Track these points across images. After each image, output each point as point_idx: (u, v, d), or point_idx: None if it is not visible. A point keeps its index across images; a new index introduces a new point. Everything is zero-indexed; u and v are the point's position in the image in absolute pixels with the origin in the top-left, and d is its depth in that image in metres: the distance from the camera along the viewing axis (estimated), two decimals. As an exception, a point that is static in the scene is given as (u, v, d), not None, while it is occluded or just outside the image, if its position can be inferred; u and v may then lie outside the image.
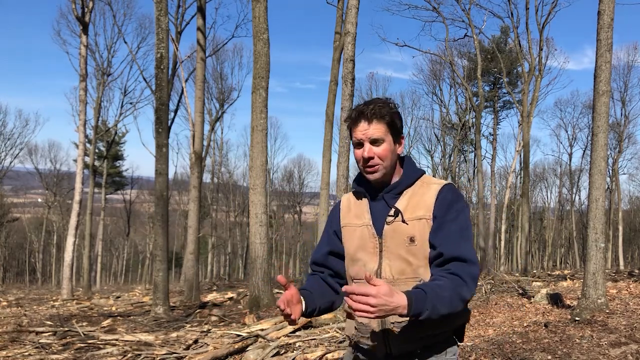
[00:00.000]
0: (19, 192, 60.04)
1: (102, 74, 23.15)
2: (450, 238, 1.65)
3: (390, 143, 1.75)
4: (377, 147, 1.73)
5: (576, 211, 40.59)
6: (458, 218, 1.69)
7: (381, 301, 1.41)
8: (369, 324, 1.74)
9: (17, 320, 9.97)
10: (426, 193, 1.75)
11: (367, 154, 1.73)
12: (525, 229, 21.21)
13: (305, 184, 44.78)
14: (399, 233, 1.71)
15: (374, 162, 1.74)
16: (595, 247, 7.19)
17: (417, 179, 1.81)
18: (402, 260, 1.70)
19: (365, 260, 1.76)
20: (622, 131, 30.71)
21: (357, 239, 1.81)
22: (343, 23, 11.45)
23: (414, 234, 1.70)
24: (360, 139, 1.74)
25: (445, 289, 1.54)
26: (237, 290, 14.99)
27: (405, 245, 1.70)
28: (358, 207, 1.86)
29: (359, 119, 1.74)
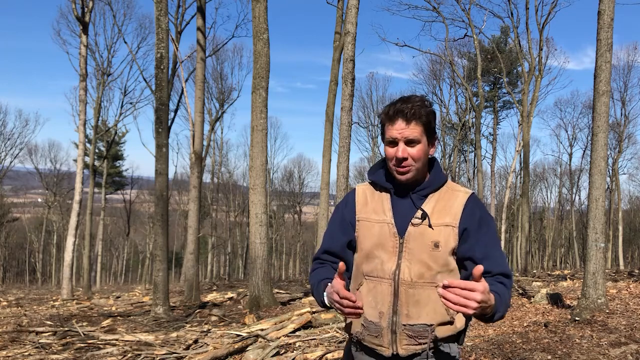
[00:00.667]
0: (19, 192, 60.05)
1: (102, 74, 23.15)
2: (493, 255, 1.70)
3: (425, 144, 1.72)
4: (411, 147, 1.70)
5: (576, 211, 40.60)
6: (489, 232, 1.73)
7: (485, 297, 1.42)
8: (379, 324, 1.72)
9: (17, 320, 9.97)
10: (453, 200, 1.74)
11: (402, 154, 1.69)
12: (525, 229, 21.21)
13: (305, 184, 44.84)
14: (425, 237, 1.69)
15: (408, 163, 1.70)
16: (595, 247, 7.19)
17: (443, 183, 1.78)
18: (422, 264, 1.68)
19: (383, 259, 1.73)
20: (622, 131, 30.71)
21: (375, 235, 1.76)
22: (343, 23, 11.45)
23: (439, 239, 1.68)
24: (395, 138, 1.70)
25: (506, 294, 1.63)
26: (237, 290, 14.99)
27: (429, 250, 1.68)
28: (377, 201, 1.81)
29: (396, 117, 1.69)
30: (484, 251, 1.69)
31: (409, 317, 1.68)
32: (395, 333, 1.70)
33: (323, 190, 14.29)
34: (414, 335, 1.69)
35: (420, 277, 1.68)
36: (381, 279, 1.71)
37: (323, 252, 1.90)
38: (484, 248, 1.69)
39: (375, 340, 1.74)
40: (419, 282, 1.68)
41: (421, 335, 1.68)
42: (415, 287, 1.68)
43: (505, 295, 1.60)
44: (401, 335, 1.70)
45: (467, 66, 30.64)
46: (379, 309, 1.72)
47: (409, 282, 1.68)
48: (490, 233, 1.72)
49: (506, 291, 1.63)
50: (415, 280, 1.68)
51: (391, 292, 1.70)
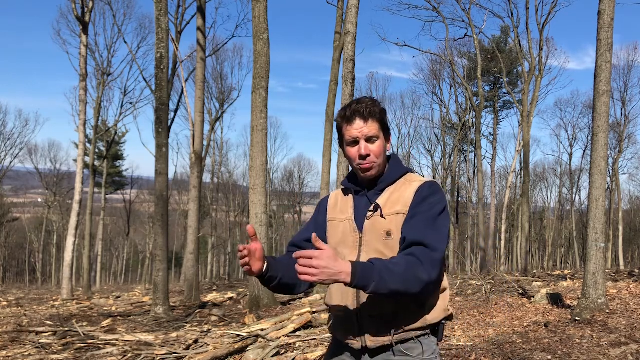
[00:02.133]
0: (19, 192, 60.10)
1: (102, 74, 23.15)
2: (416, 226, 1.68)
3: (382, 140, 1.81)
4: (372, 144, 1.78)
5: (576, 211, 40.59)
6: (430, 210, 1.70)
7: (323, 263, 1.46)
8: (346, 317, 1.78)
9: (17, 320, 9.97)
10: (407, 190, 1.78)
11: (365, 151, 1.76)
12: (525, 229, 21.20)
13: (305, 184, 44.83)
14: (377, 227, 1.75)
15: (371, 159, 1.78)
16: (595, 247, 7.19)
17: (400, 176, 1.84)
18: (378, 254, 1.72)
19: (345, 254, 1.79)
20: (622, 131, 30.70)
21: (339, 233, 1.84)
22: (343, 23, 11.45)
23: (391, 228, 1.73)
24: (356, 137, 1.77)
25: (398, 265, 1.57)
26: (237, 290, 14.99)
27: (382, 239, 1.74)
28: (344, 203, 1.90)
29: (354, 117, 1.77)
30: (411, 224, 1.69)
31: (371, 308, 1.72)
32: (362, 325, 1.75)
33: (323, 190, 14.29)
34: (379, 326, 1.72)
35: None
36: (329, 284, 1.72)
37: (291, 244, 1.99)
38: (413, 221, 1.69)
39: (346, 334, 1.80)
40: None
41: (385, 326, 1.72)
42: None
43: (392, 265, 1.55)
44: (367, 327, 1.74)
45: (467, 66, 30.65)
46: (344, 302, 1.78)
47: None
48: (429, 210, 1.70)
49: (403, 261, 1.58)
50: None
51: None
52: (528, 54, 20.21)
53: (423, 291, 1.61)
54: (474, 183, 32.67)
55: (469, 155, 33.38)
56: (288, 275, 1.79)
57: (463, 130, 31.28)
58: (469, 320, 7.48)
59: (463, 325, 7.13)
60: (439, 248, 1.63)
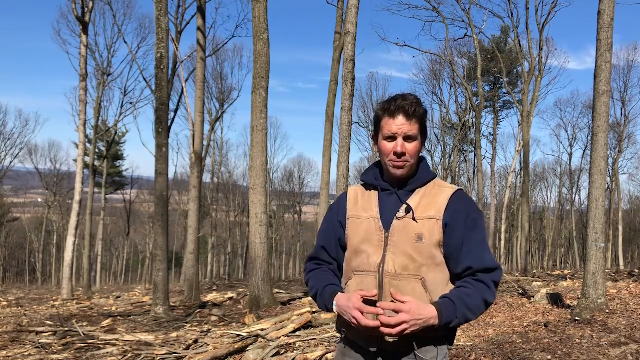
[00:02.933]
0: (19, 192, 60.08)
1: (102, 74, 23.15)
2: (475, 251, 1.73)
3: (419, 142, 1.80)
4: (409, 143, 1.76)
5: (576, 211, 40.59)
6: (476, 227, 1.75)
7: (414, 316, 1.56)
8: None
9: (17, 320, 9.96)
10: (438, 195, 1.78)
11: (401, 149, 1.75)
12: (525, 229, 21.20)
13: (305, 184, 44.83)
14: (409, 230, 1.73)
15: (406, 158, 1.76)
16: (595, 247, 7.19)
17: (430, 180, 1.84)
18: (406, 257, 1.71)
19: (369, 252, 1.77)
20: (622, 131, 30.70)
21: (362, 231, 1.81)
22: (343, 23, 11.45)
23: (423, 232, 1.72)
24: (395, 133, 1.75)
25: (473, 297, 1.66)
26: (237, 290, 14.99)
27: (413, 242, 1.72)
28: (366, 199, 1.87)
29: (398, 113, 1.75)
30: (467, 248, 1.73)
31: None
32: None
33: (323, 190, 14.28)
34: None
35: (404, 269, 1.71)
36: (367, 272, 1.76)
37: (320, 248, 1.96)
38: (467, 245, 1.73)
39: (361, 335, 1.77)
40: (403, 274, 1.71)
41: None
42: (399, 279, 1.71)
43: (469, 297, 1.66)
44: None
45: (467, 66, 30.64)
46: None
47: (392, 273, 1.72)
48: (476, 230, 1.75)
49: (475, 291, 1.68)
50: (399, 272, 1.71)
51: (376, 285, 1.74)
52: (528, 54, 20.21)
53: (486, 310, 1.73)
54: (474, 183, 32.67)
55: (469, 155, 33.40)
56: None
57: (463, 130, 31.27)
58: (469, 320, 7.46)
59: (463, 325, 7.13)
60: (498, 266, 1.74)
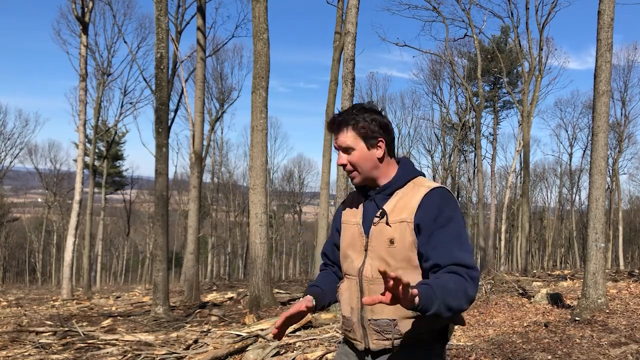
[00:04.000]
0: (19, 192, 60.08)
1: (102, 74, 23.15)
2: (443, 248, 1.64)
3: (362, 149, 1.78)
4: (348, 154, 1.81)
5: (576, 211, 40.59)
6: (448, 225, 1.67)
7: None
8: (351, 319, 1.83)
9: (17, 320, 9.96)
10: (414, 196, 1.75)
11: (339, 162, 1.81)
12: (525, 229, 21.20)
13: (305, 184, 44.82)
14: (383, 234, 1.76)
15: (348, 168, 1.83)
16: (595, 247, 7.19)
17: (409, 180, 1.81)
18: (382, 261, 1.74)
19: (353, 257, 1.84)
20: (622, 131, 30.70)
21: (349, 237, 1.88)
22: (343, 23, 11.45)
23: (394, 236, 1.73)
24: (336, 149, 1.84)
25: (450, 282, 1.55)
26: (237, 290, 14.99)
27: (386, 246, 1.74)
28: (354, 205, 1.93)
29: (331, 130, 1.84)
30: (435, 245, 1.66)
31: (373, 312, 1.76)
32: (365, 328, 1.79)
33: (323, 190, 14.28)
34: (380, 330, 1.76)
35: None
36: (352, 276, 1.83)
37: (322, 253, 2.08)
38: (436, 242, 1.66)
39: (351, 334, 1.85)
40: (379, 278, 1.71)
41: (386, 330, 1.75)
42: (375, 283, 1.74)
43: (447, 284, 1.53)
44: (369, 330, 1.78)
45: (467, 66, 30.64)
46: (350, 304, 1.84)
47: (369, 278, 1.77)
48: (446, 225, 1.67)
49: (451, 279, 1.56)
50: (375, 277, 1.75)
51: (357, 289, 1.81)
52: (528, 54, 20.22)
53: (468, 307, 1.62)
54: (474, 183, 32.67)
55: (469, 155, 33.40)
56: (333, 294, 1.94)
57: (463, 130, 31.27)
58: (469, 320, 7.47)
59: (463, 325, 7.12)
60: (473, 265, 1.64)
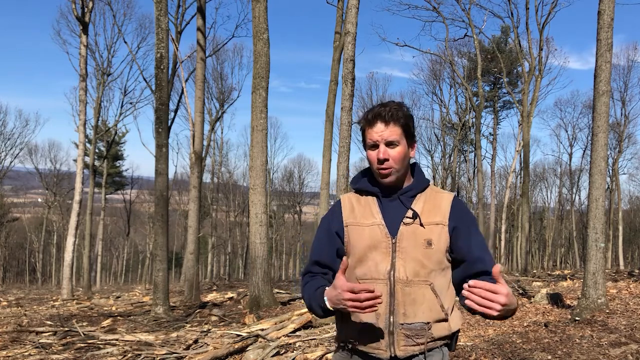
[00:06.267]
0: (19, 192, 60.03)
1: (102, 74, 23.14)
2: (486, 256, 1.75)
3: (404, 146, 1.77)
4: (392, 149, 1.74)
5: (576, 211, 40.58)
6: (479, 232, 1.81)
7: (508, 301, 1.46)
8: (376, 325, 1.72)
9: (17, 320, 9.97)
10: (440, 200, 1.80)
11: (383, 155, 1.73)
12: (525, 229, 21.20)
13: (305, 184, 44.81)
14: (417, 235, 1.72)
15: (389, 164, 1.74)
16: (595, 247, 7.19)
17: (427, 186, 1.85)
18: (417, 262, 1.71)
19: (377, 260, 1.74)
20: (622, 131, 30.69)
21: (367, 238, 1.77)
22: (343, 23, 11.45)
23: (432, 237, 1.72)
24: (376, 141, 1.74)
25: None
26: (237, 290, 14.99)
27: (423, 248, 1.72)
28: (364, 206, 1.83)
29: (375, 120, 1.74)
30: (479, 253, 1.74)
31: (406, 316, 1.70)
32: (393, 334, 1.71)
33: (323, 190, 14.28)
34: (412, 335, 1.70)
35: (415, 275, 1.71)
36: (376, 280, 1.72)
37: (313, 263, 1.89)
38: (477, 249, 1.75)
39: (373, 343, 1.73)
40: (415, 280, 1.70)
41: (418, 335, 1.70)
42: (411, 286, 1.70)
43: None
44: (399, 336, 1.71)
45: (467, 66, 30.63)
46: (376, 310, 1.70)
47: (404, 280, 1.70)
48: (479, 234, 1.80)
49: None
50: (410, 279, 1.70)
51: (387, 292, 1.71)
52: (528, 54, 20.21)
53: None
54: (474, 183, 32.66)
55: (469, 155, 33.40)
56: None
57: (463, 130, 31.27)
58: (469, 320, 7.48)
59: (463, 325, 7.13)
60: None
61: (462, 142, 32.49)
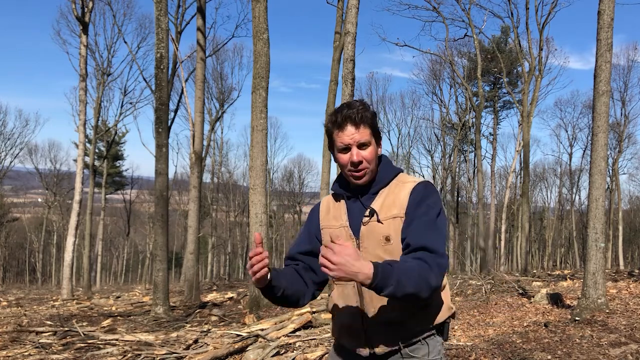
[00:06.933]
0: (19, 192, 60.04)
1: (102, 74, 23.15)
2: (418, 230, 1.65)
3: (374, 146, 1.78)
4: (364, 150, 1.74)
5: (576, 211, 40.58)
6: (428, 212, 1.69)
7: (342, 260, 1.44)
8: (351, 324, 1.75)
9: (17, 320, 9.97)
10: (401, 192, 1.76)
11: (357, 158, 1.72)
12: (525, 229, 21.20)
13: (305, 184, 44.80)
14: (375, 233, 1.73)
15: (363, 166, 1.74)
16: (595, 247, 7.19)
17: (392, 178, 1.82)
18: (378, 259, 1.68)
19: None
20: (622, 131, 30.70)
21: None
22: (343, 23, 11.45)
23: (389, 232, 1.71)
24: (347, 144, 1.73)
25: (412, 269, 1.55)
26: (237, 290, 14.99)
27: (382, 244, 1.71)
28: (336, 209, 1.86)
29: (345, 123, 1.72)
30: (411, 228, 1.68)
31: (377, 315, 1.70)
32: (368, 332, 1.73)
33: (323, 190, 14.28)
34: (386, 332, 1.71)
35: None
36: (347, 281, 1.72)
37: (287, 258, 1.95)
38: (413, 225, 1.68)
39: (353, 341, 1.77)
40: None
41: (393, 331, 1.70)
42: None
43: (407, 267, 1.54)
44: (374, 334, 1.72)
45: (467, 66, 30.64)
46: (349, 310, 1.76)
47: None
48: (427, 213, 1.69)
49: (415, 264, 1.56)
50: None
51: (355, 292, 1.74)
52: (528, 54, 20.21)
53: (431, 296, 1.61)
54: (473, 183, 32.66)
55: (469, 155, 33.40)
56: (291, 287, 1.76)
57: (463, 130, 31.28)
58: (469, 320, 7.48)
59: (463, 325, 7.13)
60: (443, 252, 1.64)
61: (462, 142, 32.50)
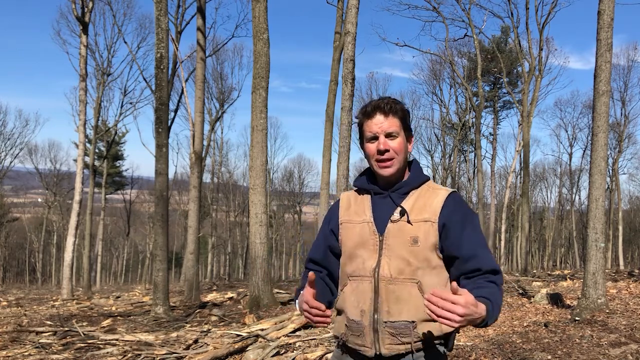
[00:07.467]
0: (19, 192, 60.00)
1: (102, 74, 23.14)
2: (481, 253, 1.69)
3: (403, 138, 1.78)
4: (391, 140, 1.75)
5: (576, 211, 40.58)
6: (476, 230, 1.73)
7: (468, 311, 1.43)
8: (361, 322, 1.72)
9: (17, 320, 9.97)
10: (433, 197, 1.76)
11: (383, 146, 1.73)
12: (525, 229, 21.20)
13: (305, 184, 44.81)
14: (403, 233, 1.71)
15: (390, 155, 1.74)
16: (595, 247, 7.19)
17: (423, 182, 1.82)
18: (402, 260, 1.69)
19: (364, 257, 1.75)
20: (622, 131, 30.70)
21: (356, 235, 1.78)
22: (343, 23, 11.45)
23: (418, 235, 1.69)
24: (375, 132, 1.74)
25: (498, 297, 1.61)
26: (237, 290, 14.99)
27: (408, 245, 1.69)
28: (359, 203, 1.84)
29: (374, 112, 1.75)
30: (471, 249, 1.69)
31: (389, 314, 1.68)
32: (377, 332, 1.70)
33: (323, 190, 14.28)
34: (396, 334, 1.68)
35: (400, 273, 1.69)
36: (362, 277, 1.73)
37: (308, 261, 1.96)
38: (470, 246, 1.69)
39: (358, 340, 1.74)
40: (399, 277, 1.69)
41: (403, 334, 1.67)
42: (395, 283, 1.68)
43: (496, 297, 1.60)
44: (383, 334, 1.69)
45: (467, 66, 30.63)
46: (360, 307, 1.72)
47: (388, 278, 1.69)
48: (476, 230, 1.73)
49: (497, 291, 1.63)
50: (394, 276, 1.69)
51: (372, 289, 1.71)
52: (528, 54, 20.20)
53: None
54: (473, 183, 32.66)
55: (469, 155, 33.40)
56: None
57: (463, 130, 31.28)
58: (468, 320, 7.47)
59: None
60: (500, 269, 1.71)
61: (462, 142, 32.50)
